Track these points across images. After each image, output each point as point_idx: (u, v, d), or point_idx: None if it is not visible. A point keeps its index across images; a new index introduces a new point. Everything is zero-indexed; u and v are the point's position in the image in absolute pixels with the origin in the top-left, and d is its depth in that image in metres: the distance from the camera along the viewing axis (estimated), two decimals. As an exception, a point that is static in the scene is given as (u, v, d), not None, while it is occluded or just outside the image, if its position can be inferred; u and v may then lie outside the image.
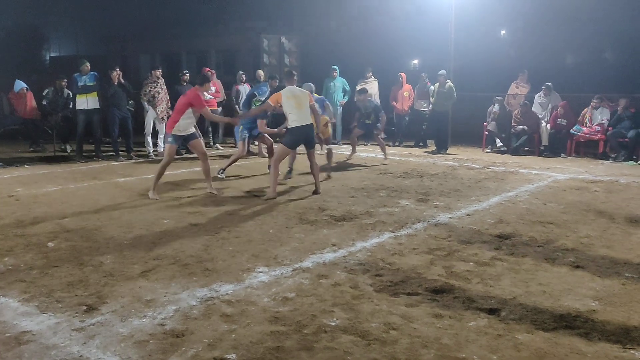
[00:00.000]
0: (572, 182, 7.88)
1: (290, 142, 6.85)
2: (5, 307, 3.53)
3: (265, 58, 14.20)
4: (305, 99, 6.83)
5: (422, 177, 8.25)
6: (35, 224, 5.51)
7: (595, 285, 3.89)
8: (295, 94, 6.82)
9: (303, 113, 6.76)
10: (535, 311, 3.46)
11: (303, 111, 6.76)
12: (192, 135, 6.85)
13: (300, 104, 6.74)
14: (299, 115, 6.72)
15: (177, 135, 6.67)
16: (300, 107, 6.74)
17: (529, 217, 5.84)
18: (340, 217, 5.80)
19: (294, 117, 6.73)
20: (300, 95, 6.83)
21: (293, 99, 6.75)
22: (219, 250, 4.68)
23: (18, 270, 4.20)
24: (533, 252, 4.67)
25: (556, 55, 16.16)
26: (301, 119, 6.74)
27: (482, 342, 3.07)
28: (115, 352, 2.95)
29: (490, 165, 9.45)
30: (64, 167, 9.21)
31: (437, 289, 3.83)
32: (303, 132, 6.78)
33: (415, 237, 5.12)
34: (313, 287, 3.88)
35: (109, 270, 4.20)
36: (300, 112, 6.74)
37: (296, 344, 3.04)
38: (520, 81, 12.03)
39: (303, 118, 6.75)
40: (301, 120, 6.74)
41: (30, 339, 3.09)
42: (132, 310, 3.47)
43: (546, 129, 10.94)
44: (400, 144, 12.46)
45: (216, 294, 3.74)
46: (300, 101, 6.75)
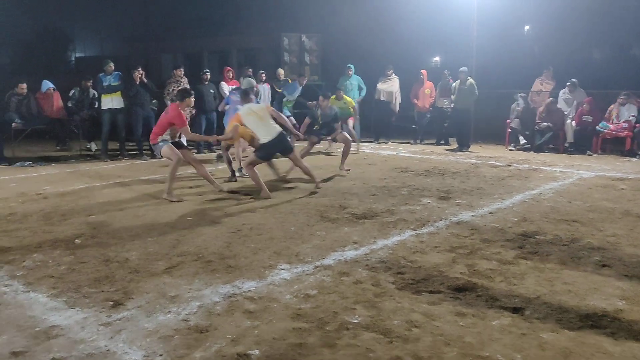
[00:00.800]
0: (598, 179, 7.75)
1: (264, 156, 6.90)
2: (35, 302, 3.61)
3: (286, 57, 14.24)
4: (264, 110, 6.89)
5: (443, 175, 8.20)
6: (63, 221, 5.62)
7: (622, 285, 3.83)
8: (252, 110, 6.84)
9: (268, 124, 6.76)
10: (560, 310, 3.42)
11: (267, 122, 6.76)
12: (178, 144, 6.87)
13: (261, 117, 6.76)
14: (265, 128, 6.74)
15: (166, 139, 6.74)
16: (263, 119, 6.75)
17: (554, 215, 5.77)
18: (362, 215, 5.79)
19: (261, 132, 6.76)
20: (257, 110, 6.87)
21: (253, 114, 6.78)
22: (241, 247, 4.72)
23: (47, 266, 4.29)
24: (558, 250, 4.61)
25: (582, 51, 15.91)
26: (269, 131, 6.72)
27: (505, 340, 3.04)
28: (141, 347, 3.00)
29: (514, 162, 9.35)
30: (90, 165, 9.39)
31: (459, 287, 3.81)
32: (277, 143, 6.75)
33: (437, 235, 5.09)
34: (335, 284, 3.89)
35: (134, 266, 4.27)
36: (265, 124, 6.75)
37: (318, 341, 3.06)
38: (545, 78, 11.88)
39: (271, 130, 6.74)
40: (270, 132, 6.72)
41: (59, 333, 3.16)
42: (157, 306, 3.53)
43: (571, 125, 10.78)
44: (421, 142, 12.41)
45: (239, 290, 3.78)
46: (260, 114, 6.79)
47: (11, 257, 4.48)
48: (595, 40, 16.24)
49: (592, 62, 16.27)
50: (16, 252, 4.62)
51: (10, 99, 10.21)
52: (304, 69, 14.27)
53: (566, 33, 15.60)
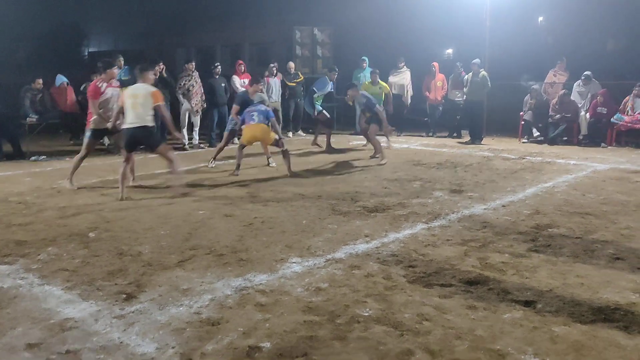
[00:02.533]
0: (612, 172, 7.67)
1: (124, 144, 6.47)
2: (50, 295, 3.67)
3: (298, 50, 14.20)
4: (146, 99, 6.31)
5: (456, 167, 8.16)
6: (77, 215, 5.69)
7: (636, 278, 3.79)
8: (135, 93, 6.36)
9: (135, 113, 6.29)
10: (573, 303, 3.40)
11: (136, 111, 6.29)
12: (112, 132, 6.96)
13: (135, 104, 6.29)
14: (130, 115, 6.32)
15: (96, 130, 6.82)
16: (135, 107, 6.29)
17: (567, 208, 5.72)
18: (373, 208, 5.79)
19: (126, 116, 6.37)
20: (139, 94, 6.33)
21: (131, 97, 6.33)
22: (253, 241, 4.74)
23: (61, 259, 4.35)
24: (571, 243, 4.57)
25: (596, 42, 15.64)
26: (131, 119, 6.31)
27: (517, 334, 3.03)
28: (153, 339, 3.03)
29: (527, 155, 9.28)
30: (103, 159, 9.46)
31: (471, 281, 3.80)
32: (130, 134, 6.34)
33: (449, 228, 5.08)
34: (346, 277, 3.90)
35: (147, 259, 4.31)
36: (134, 111, 6.29)
37: (329, 334, 3.07)
38: (559, 69, 11.74)
39: (134, 118, 6.30)
40: (131, 120, 6.31)
41: (73, 326, 3.20)
42: (170, 299, 3.56)
43: (585, 117, 10.66)
44: (433, 135, 12.34)
45: (250, 283, 3.80)
46: (136, 101, 6.29)
47: (26, 251, 4.54)
48: (610, 31, 15.96)
49: (607, 52, 16.00)
50: (31, 245, 4.69)
51: (25, 94, 10.32)
52: (316, 62, 14.24)
53: (580, 24, 15.36)
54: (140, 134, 6.37)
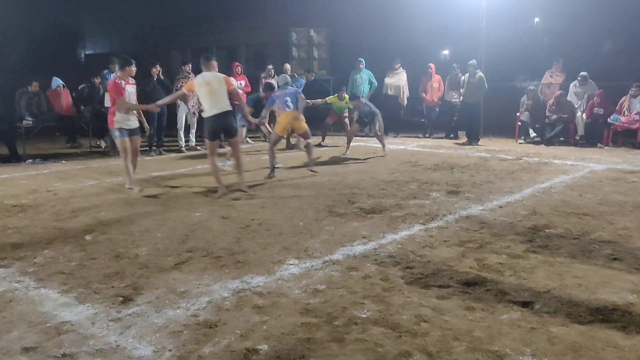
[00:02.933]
0: (609, 172, 7.68)
1: (208, 135, 6.48)
2: (46, 298, 3.65)
3: (294, 51, 14.21)
4: (221, 85, 6.35)
5: (453, 168, 8.17)
6: (73, 218, 5.67)
7: (633, 278, 3.79)
8: (207, 80, 6.37)
9: (215, 100, 6.34)
10: (571, 304, 3.39)
11: (215, 98, 6.34)
12: (135, 131, 6.84)
13: (212, 90, 6.31)
14: (211, 103, 6.35)
15: (122, 129, 6.69)
16: (212, 94, 6.32)
17: (564, 208, 5.72)
18: (370, 210, 5.78)
19: (206, 105, 6.41)
20: (212, 81, 6.36)
21: (205, 85, 6.34)
22: (250, 243, 4.73)
23: (57, 262, 4.33)
24: (568, 244, 4.57)
25: (593, 43, 15.69)
26: (214, 107, 6.35)
27: (515, 334, 3.03)
28: (150, 342, 3.02)
29: (524, 156, 9.29)
30: (100, 162, 9.45)
31: (468, 282, 3.79)
32: (217, 122, 6.38)
33: (446, 229, 5.07)
34: (343, 279, 3.89)
35: (144, 262, 4.29)
36: (212, 99, 6.33)
37: (327, 336, 3.06)
38: (555, 70, 11.77)
39: (216, 106, 6.35)
40: (214, 108, 6.35)
41: (69, 329, 3.19)
42: (167, 301, 3.55)
43: (582, 118, 10.68)
44: (430, 136, 12.36)
45: (248, 285, 3.79)
46: (212, 87, 6.31)
47: (22, 254, 4.52)
48: (607, 32, 16.01)
49: (603, 53, 16.06)
50: (27, 248, 4.67)
51: (20, 97, 10.29)
52: (312, 63, 14.23)
53: (577, 24, 15.41)
54: (224, 120, 6.40)
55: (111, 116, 6.69)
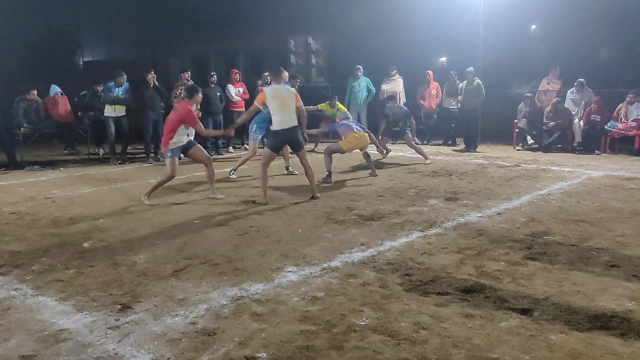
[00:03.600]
0: (606, 179, 7.70)
1: (273, 146, 6.61)
2: (44, 306, 3.63)
3: (292, 59, 14.25)
4: (291, 99, 6.49)
5: (451, 175, 8.18)
6: (71, 225, 5.66)
7: (632, 285, 3.80)
8: (280, 94, 6.46)
9: (287, 115, 6.46)
10: (569, 311, 3.39)
11: (287, 113, 6.46)
12: (190, 144, 6.70)
13: (284, 105, 6.42)
14: (282, 117, 6.44)
15: (175, 149, 6.57)
16: (285, 108, 6.43)
17: (562, 215, 5.73)
18: (369, 217, 5.79)
19: (277, 119, 6.46)
20: (285, 95, 6.47)
21: (277, 99, 6.42)
22: (249, 250, 4.72)
23: (55, 269, 4.32)
24: (566, 251, 4.58)
25: (590, 50, 15.75)
26: (285, 122, 6.45)
27: (514, 342, 3.03)
28: (148, 350, 3.01)
29: (522, 163, 9.31)
30: (98, 169, 9.44)
31: (467, 289, 3.79)
32: (286, 136, 6.53)
33: (445, 236, 5.08)
34: (342, 286, 3.89)
35: (142, 269, 4.28)
36: (284, 114, 6.44)
37: (326, 343, 3.06)
38: (552, 77, 11.81)
39: (287, 120, 6.46)
40: (284, 122, 6.45)
41: (67, 337, 3.18)
42: (165, 309, 3.54)
43: (579, 125, 10.72)
44: (428, 143, 12.37)
45: (246, 293, 3.78)
46: (284, 102, 6.42)
47: (20, 261, 4.51)
48: (604, 39, 16.08)
49: (600, 61, 16.12)
50: (25, 256, 4.66)
51: (18, 104, 10.30)
52: (310, 71, 14.27)
53: (574, 32, 15.48)
54: (293, 134, 6.55)
55: (167, 139, 6.49)
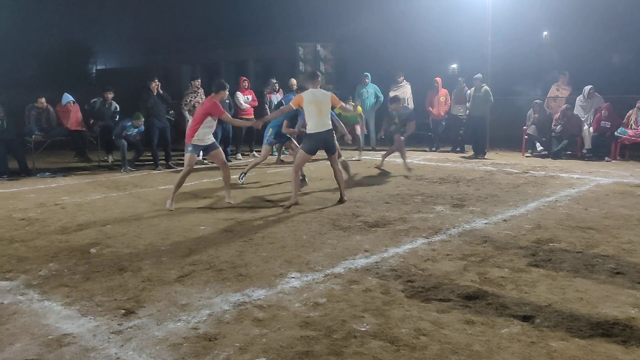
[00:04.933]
0: (615, 186, 7.64)
1: (309, 149, 6.75)
2: (49, 311, 3.69)
3: (301, 66, 14.32)
4: (327, 103, 6.68)
5: (458, 182, 8.16)
6: (79, 231, 5.73)
7: (636, 293, 3.77)
8: (317, 99, 6.63)
9: (322, 119, 6.63)
10: (571, 318, 3.38)
11: (323, 117, 6.63)
12: (212, 146, 6.83)
13: (320, 109, 6.60)
14: (318, 121, 6.60)
15: (197, 145, 6.72)
16: (321, 113, 6.60)
17: (569, 222, 5.70)
18: (374, 223, 5.79)
19: (313, 122, 6.62)
20: (322, 100, 6.64)
21: (315, 104, 6.59)
22: (253, 256, 4.75)
23: (62, 275, 4.37)
24: (571, 258, 4.55)
25: (602, 56, 15.67)
26: (320, 125, 6.62)
27: (514, 349, 3.02)
28: (150, 355, 3.04)
29: (530, 169, 9.26)
30: (107, 176, 9.54)
31: (469, 295, 3.78)
32: (321, 139, 6.67)
33: (449, 243, 5.07)
34: (344, 292, 3.90)
35: (147, 275, 4.33)
36: (320, 118, 6.61)
37: (325, 349, 3.07)
38: (562, 83, 11.76)
39: (322, 124, 6.63)
40: (320, 126, 6.62)
41: (71, 341, 3.22)
42: (168, 314, 3.57)
43: (589, 132, 10.64)
44: (437, 150, 12.35)
45: (249, 298, 3.81)
46: (321, 106, 6.61)
47: (28, 267, 4.57)
48: (616, 45, 15.98)
49: (611, 67, 16.01)
50: (33, 261, 4.72)
51: (30, 112, 10.45)
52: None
53: (585, 38, 15.40)
54: (327, 137, 6.73)
55: (192, 132, 6.65)
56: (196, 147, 6.75)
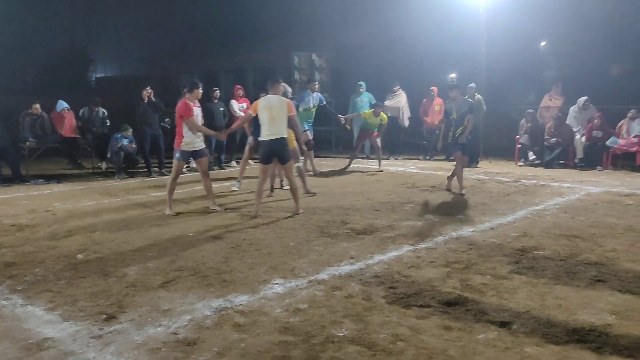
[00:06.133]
0: (605, 195, 7.67)
1: (261, 157, 6.62)
2: (32, 316, 3.71)
3: (296, 75, 14.41)
4: (282, 110, 6.47)
5: (449, 190, 8.19)
6: (68, 237, 5.76)
7: (615, 300, 3.79)
8: (271, 105, 6.48)
9: (275, 126, 6.44)
10: (548, 325, 3.40)
11: (275, 124, 6.44)
12: (201, 152, 6.86)
13: (273, 116, 6.41)
14: (270, 128, 6.45)
15: (185, 151, 6.76)
16: (274, 120, 6.42)
17: (555, 230, 5.73)
18: (362, 231, 5.82)
19: (264, 129, 6.50)
20: (275, 107, 6.46)
21: (268, 110, 6.45)
22: (238, 263, 4.78)
23: (47, 280, 4.40)
24: (554, 265, 4.58)
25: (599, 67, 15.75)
26: (271, 133, 6.45)
27: (489, 354, 3.04)
28: (128, 359, 3.06)
29: (522, 178, 9.30)
30: (100, 183, 9.58)
31: (450, 302, 3.81)
32: (271, 147, 6.50)
33: (435, 250, 5.10)
34: (326, 298, 3.92)
35: (131, 281, 4.35)
36: (272, 125, 6.44)
37: (303, 354, 3.09)
38: (554, 93, 11.83)
39: (273, 132, 6.45)
40: (270, 134, 6.45)
41: (50, 345, 3.24)
42: (149, 319, 3.59)
43: (580, 141, 10.70)
44: (431, 158, 12.40)
45: (231, 304, 3.83)
46: (273, 113, 6.42)
47: (14, 272, 4.60)
48: (612, 56, 16.06)
49: (607, 77, 16.09)
50: (19, 267, 4.75)
51: (24, 119, 10.50)
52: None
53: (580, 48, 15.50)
54: (280, 146, 6.49)
55: (179, 137, 6.71)
56: (184, 153, 6.79)
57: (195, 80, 6.96)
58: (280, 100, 6.60)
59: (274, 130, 6.48)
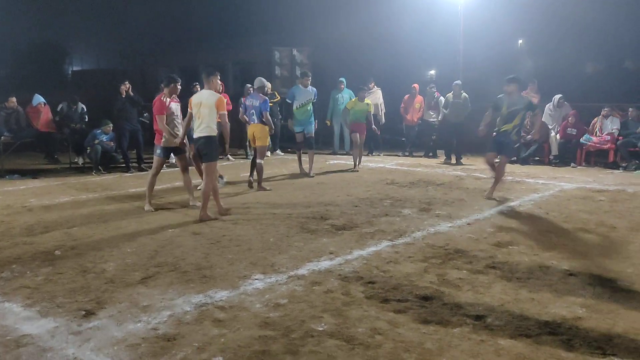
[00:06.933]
0: (578, 191, 7.86)
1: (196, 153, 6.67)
2: (9, 312, 3.68)
3: (277, 70, 14.39)
4: (209, 107, 6.17)
5: (427, 186, 8.30)
6: (45, 233, 5.70)
7: (585, 293, 3.91)
8: (200, 101, 6.24)
9: (201, 123, 6.23)
10: (521, 318, 3.50)
11: (201, 121, 6.22)
12: (181, 149, 6.84)
13: (200, 112, 6.21)
14: (197, 124, 6.29)
15: (165, 147, 6.75)
16: (200, 116, 6.21)
17: (529, 226, 5.86)
18: (341, 226, 5.88)
19: (195, 125, 6.35)
20: (204, 103, 6.20)
21: (197, 106, 6.25)
22: (219, 259, 4.79)
23: (24, 277, 4.36)
24: (528, 260, 4.69)
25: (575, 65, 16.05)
26: (197, 129, 6.29)
27: (464, 346, 3.12)
28: (107, 355, 3.07)
29: (498, 175, 9.42)
30: (77, 178, 9.47)
31: (426, 296, 3.88)
32: (196, 144, 6.40)
33: (413, 245, 5.18)
34: (305, 293, 3.97)
35: (110, 277, 4.34)
36: (198, 121, 6.26)
37: (282, 348, 3.13)
38: (530, 91, 12.01)
39: (199, 128, 6.26)
40: (197, 130, 6.29)
41: (29, 342, 3.23)
42: (129, 315, 3.60)
43: (555, 138, 10.91)
44: (410, 154, 12.51)
45: (210, 300, 3.85)
46: (200, 109, 6.20)
47: (-10, 268, 4.55)
48: (589, 54, 16.39)
49: (582, 75, 16.41)
50: (-4, 263, 4.70)
51: (-1, 113, 10.34)
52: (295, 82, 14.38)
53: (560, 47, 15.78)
54: (200, 144, 6.30)
55: (158, 133, 6.67)
56: (164, 149, 6.78)
57: (173, 75, 6.91)
58: (210, 95, 6.26)
59: (199, 128, 6.27)
